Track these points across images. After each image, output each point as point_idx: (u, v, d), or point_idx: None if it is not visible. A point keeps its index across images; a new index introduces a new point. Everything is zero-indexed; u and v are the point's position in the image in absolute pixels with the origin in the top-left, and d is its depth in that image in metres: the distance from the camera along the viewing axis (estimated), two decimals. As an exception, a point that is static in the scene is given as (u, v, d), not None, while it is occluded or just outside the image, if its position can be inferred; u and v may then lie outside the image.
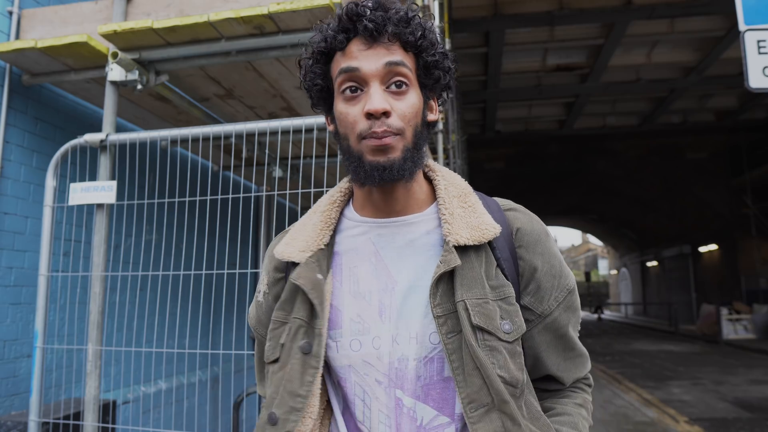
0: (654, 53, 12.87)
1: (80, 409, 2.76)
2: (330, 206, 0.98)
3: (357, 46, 0.86)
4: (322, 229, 0.95)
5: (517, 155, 19.46)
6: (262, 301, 1.02)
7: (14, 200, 3.10)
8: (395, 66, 0.85)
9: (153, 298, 4.08)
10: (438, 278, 0.86)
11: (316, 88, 0.92)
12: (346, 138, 0.88)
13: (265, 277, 1.01)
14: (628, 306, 31.43)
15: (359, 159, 0.86)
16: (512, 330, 0.86)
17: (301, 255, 0.92)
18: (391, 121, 0.84)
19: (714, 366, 10.92)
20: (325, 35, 0.88)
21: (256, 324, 1.03)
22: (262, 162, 4.49)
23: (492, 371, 0.82)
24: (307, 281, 0.89)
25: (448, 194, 0.94)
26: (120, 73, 2.82)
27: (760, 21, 3.26)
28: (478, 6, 10.69)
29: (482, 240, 0.88)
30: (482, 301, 0.85)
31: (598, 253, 50.63)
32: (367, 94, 0.85)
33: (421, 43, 0.88)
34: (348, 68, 0.85)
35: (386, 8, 0.86)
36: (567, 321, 0.95)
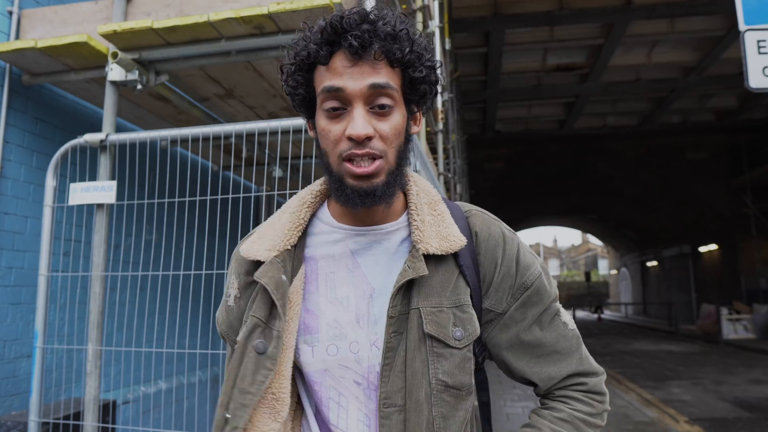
0: (654, 53, 12.88)
1: (80, 409, 2.76)
2: (300, 207, 0.96)
3: (341, 61, 0.83)
4: (290, 230, 0.93)
5: (517, 155, 19.46)
6: (233, 306, 0.97)
7: (14, 200, 3.10)
8: (381, 89, 0.83)
9: (153, 298, 4.08)
10: (402, 284, 0.87)
11: (297, 96, 0.90)
12: (326, 154, 0.87)
13: (235, 281, 0.97)
14: (628, 306, 31.43)
15: (340, 181, 0.85)
16: (463, 336, 0.89)
17: (267, 254, 0.91)
18: (374, 144, 0.83)
19: (714, 366, 10.92)
20: (308, 47, 0.85)
21: (228, 329, 0.99)
22: (262, 162, 4.49)
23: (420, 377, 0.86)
24: (270, 280, 0.88)
25: (419, 201, 0.94)
26: (120, 73, 2.82)
27: (760, 21, 3.26)
28: (478, 6, 10.69)
29: (449, 251, 0.89)
30: (437, 310, 0.88)
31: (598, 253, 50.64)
32: (350, 115, 0.83)
33: (408, 59, 0.85)
34: (331, 87, 0.83)
35: (373, 21, 0.83)
36: (526, 316, 0.95)
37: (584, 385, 0.96)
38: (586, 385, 0.96)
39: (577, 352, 0.97)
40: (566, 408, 0.94)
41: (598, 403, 0.96)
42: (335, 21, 0.82)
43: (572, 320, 1.00)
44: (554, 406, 0.95)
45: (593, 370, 0.98)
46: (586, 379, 0.96)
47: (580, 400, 0.95)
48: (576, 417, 0.94)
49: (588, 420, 0.94)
